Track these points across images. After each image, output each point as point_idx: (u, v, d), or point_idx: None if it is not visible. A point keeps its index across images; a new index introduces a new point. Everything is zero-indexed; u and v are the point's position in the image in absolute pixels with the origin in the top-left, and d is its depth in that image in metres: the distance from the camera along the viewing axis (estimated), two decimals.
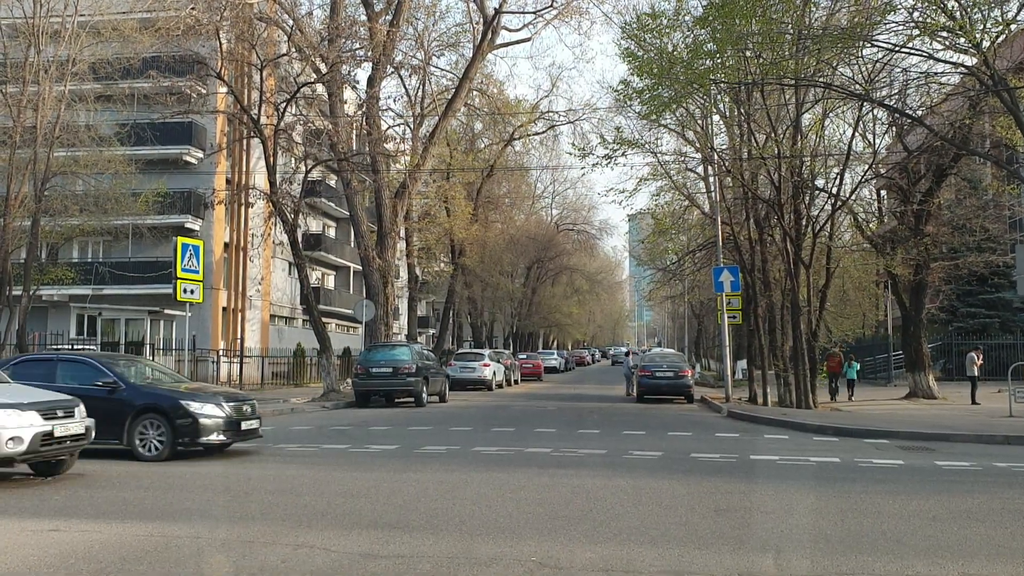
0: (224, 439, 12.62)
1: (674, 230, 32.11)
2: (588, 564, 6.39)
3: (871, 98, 19.43)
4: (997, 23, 15.14)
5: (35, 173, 23.80)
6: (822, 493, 9.62)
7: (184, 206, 35.24)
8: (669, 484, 10.15)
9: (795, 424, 18.13)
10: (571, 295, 67.94)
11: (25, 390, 10.87)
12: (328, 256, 48.71)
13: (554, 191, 64.81)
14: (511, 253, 53.55)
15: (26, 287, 24.32)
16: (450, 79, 37.84)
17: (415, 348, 26.87)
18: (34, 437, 9.83)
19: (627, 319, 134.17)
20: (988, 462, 12.34)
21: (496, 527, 7.63)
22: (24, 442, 9.73)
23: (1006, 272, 35.55)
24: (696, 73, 19.64)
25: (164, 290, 30.25)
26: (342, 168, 29.70)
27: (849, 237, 31.99)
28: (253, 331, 39.51)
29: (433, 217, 43.40)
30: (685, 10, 22.69)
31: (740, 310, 27.14)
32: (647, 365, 28.67)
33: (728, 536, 7.35)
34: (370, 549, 6.82)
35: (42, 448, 9.99)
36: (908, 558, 6.62)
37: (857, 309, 39.43)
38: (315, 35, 28.14)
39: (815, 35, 17.93)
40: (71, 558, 6.57)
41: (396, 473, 10.93)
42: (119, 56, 26.38)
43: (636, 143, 27.07)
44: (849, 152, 22.86)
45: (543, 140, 47.06)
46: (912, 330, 27.15)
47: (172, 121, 31.83)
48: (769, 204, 23.58)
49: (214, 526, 7.77)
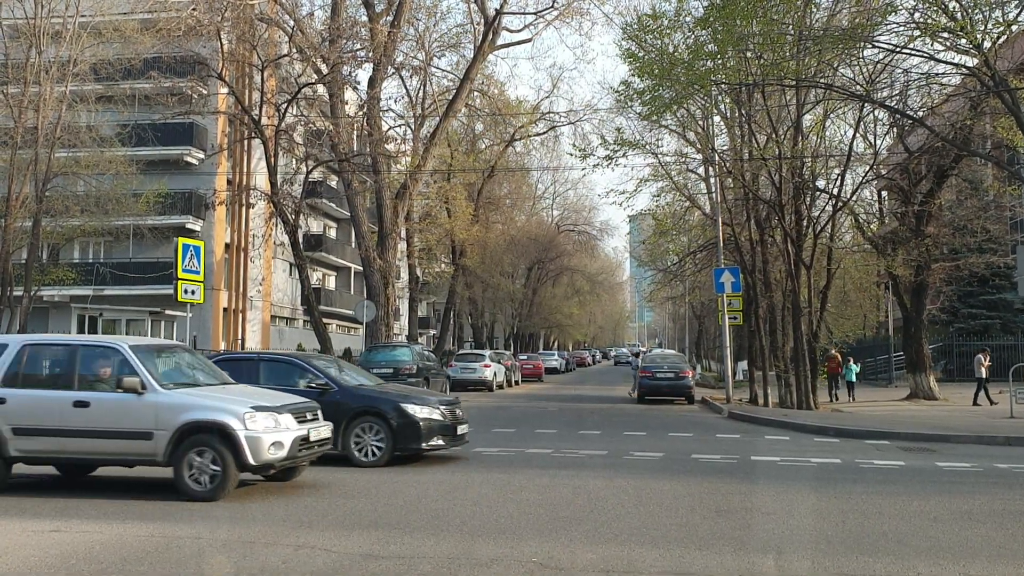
0: (442, 444, 11.91)
1: (675, 231, 32.10)
2: (589, 565, 6.39)
3: (872, 99, 19.42)
4: (998, 24, 15.14)
5: (36, 174, 23.81)
6: (823, 494, 9.62)
7: (185, 207, 35.24)
8: (670, 485, 10.15)
9: (796, 425, 18.11)
10: (572, 296, 67.86)
11: (263, 392, 10.33)
12: (329, 257, 48.70)
13: (555, 192, 64.81)
14: (512, 254, 53.51)
15: (27, 288, 24.33)
16: (451, 80, 37.85)
17: (416, 349, 26.86)
18: (293, 442, 9.19)
19: (628, 320, 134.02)
20: (989, 463, 12.33)
21: (497, 528, 7.63)
22: (284, 448, 9.09)
23: (1007, 273, 35.45)
24: (697, 74, 19.63)
25: (165, 291, 30.24)
26: (343, 169, 29.69)
27: (850, 238, 31.97)
28: (254, 332, 39.50)
29: (434, 218, 43.39)
30: (686, 11, 22.71)
31: (741, 311, 27.12)
32: (648, 366, 28.67)
33: (729, 537, 7.35)
34: (371, 550, 6.82)
35: (299, 454, 9.38)
36: (909, 559, 6.61)
37: (858, 310, 39.38)
38: (316, 36, 28.14)
39: (816, 36, 17.92)
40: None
41: (396, 474, 10.92)
42: (120, 57, 26.40)
43: (637, 144, 27.05)
44: (850, 153, 22.85)
45: (544, 141, 47.11)
46: (913, 331, 27.12)
47: (173, 122, 31.84)
48: (770, 205, 23.57)
49: (214, 526, 7.76)
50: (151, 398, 9.12)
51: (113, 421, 9.19)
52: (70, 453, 9.48)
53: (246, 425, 8.91)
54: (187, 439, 8.97)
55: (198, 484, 8.95)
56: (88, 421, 9.20)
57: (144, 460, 9.27)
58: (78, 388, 9.41)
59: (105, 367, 9.59)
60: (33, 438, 9.41)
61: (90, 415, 9.20)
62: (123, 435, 9.17)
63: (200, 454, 8.95)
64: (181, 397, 9.31)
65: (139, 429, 9.09)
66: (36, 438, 9.42)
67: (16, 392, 9.48)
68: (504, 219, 51.91)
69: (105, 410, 9.24)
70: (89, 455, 9.50)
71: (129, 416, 9.14)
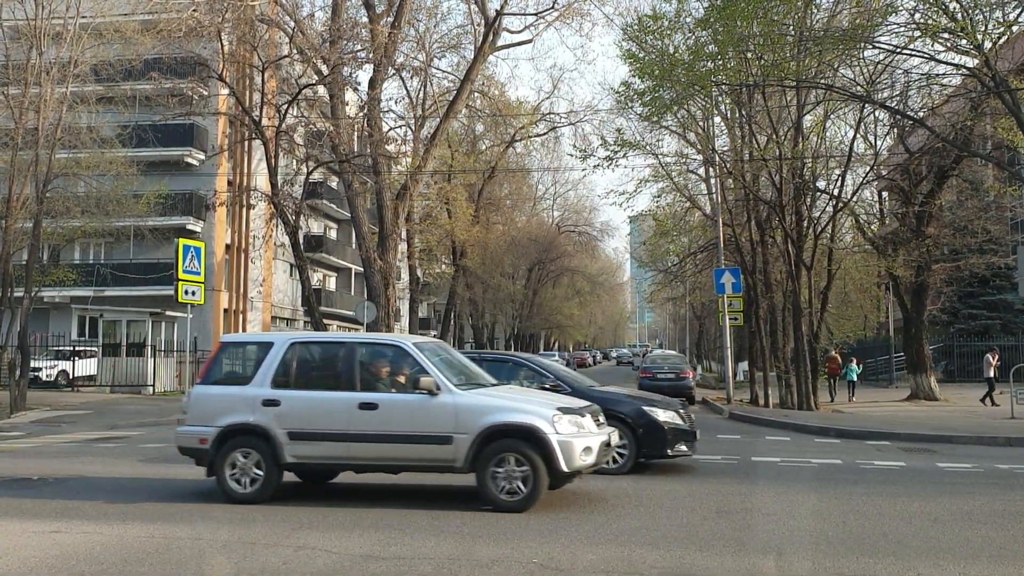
0: (687, 451, 11.27)
1: (675, 232, 32.12)
2: (589, 566, 6.39)
3: (872, 100, 19.42)
4: (998, 24, 15.14)
5: (37, 175, 23.79)
6: (824, 495, 9.61)
7: (185, 208, 35.25)
8: (670, 485, 10.14)
9: (796, 426, 18.11)
10: (572, 297, 67.87)
11: (549, 394, 9.90)
12: (329, 258, 48.70)
13: (555, 193, 64.81)
14: (512, 255, 53.52)
15: (27, 288, 24.31)
16: (451, 81, 37.83)
17: None
18: (600, 447, 8.60)
19: (628, 321, 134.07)
20: (990, 464, 12.33)
21: (497, 529, 7.63)
22: (593, 453, 8.49)
23: (1007, 274, 35.43)
24: (697, 75, 19.64)
25: (166, 292, 30.26)
26: (343, 170, 29.66)
27: (850, 239, 31.95)
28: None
29: (434, 219, 43.38)
30: (686, 12, 22.73)
31: (741, 312, 27.12)
32: (648, 367, 28.66)
33: (729, 538, 7.35)
34: (371, 550, 6.82)
35: (601, 460, 8.80)
36: (910, 560, 6.61)
37: (858, 311, 39.37)
38: (316, 37, 28.11)
39: (816, 37, 17.91)
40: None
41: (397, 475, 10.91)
42: (121, 58, 26.37)
43: (637, 145, 27.07)
44: (850, 153, 22.86)
45: (544, 142, 47.07)
46: (913, 332, 27.11)
47: (174, 123, 31.83)
48: (770, 205, 23.57)
49: (214, 527, 7.76)
50: (447, 399, 8.53)
51: (406, 424, 8.60)
52: (355, 459, 8.89)
53: (556, 428, 8.29)
54: (490, 444, 8.35)
55: (510, 494, 8.27)
56: (377, 424, 8.63)
57: (441, 466, 8.66)
58: (360, 389, 8.85)
59: (385, 366, 9.09)
60: (312, 443, 8.82)
61: (379, 418, 8.64)
62: (418, 439, 8.53)
63: (504, 461, 8.31)
64: (480, 398, 8.71)
65: (436, 432, 8.47)
66: (316, 443, 8.82)
67: (290, 394, 8.96)
68: (505, 220, 51.90)
69: (396, 412, 8.67)
70: (377, 461, 8.88)
71: (425, 419, 8.55)
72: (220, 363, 9.70)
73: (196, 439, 9.07)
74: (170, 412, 20.64)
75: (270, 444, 8.82)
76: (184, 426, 9.28)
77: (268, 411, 8.88)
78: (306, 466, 9.16)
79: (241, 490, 8.87)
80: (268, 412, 8.87)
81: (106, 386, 28.67)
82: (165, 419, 19.66)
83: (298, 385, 9.07)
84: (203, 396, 9.32)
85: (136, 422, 19.27)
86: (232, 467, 8.90)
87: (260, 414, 8.88)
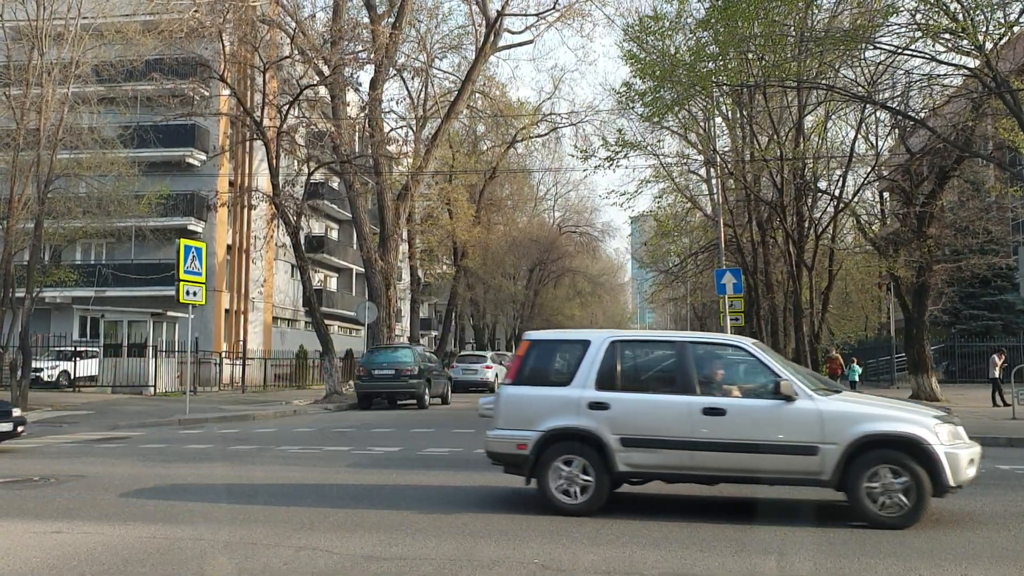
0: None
1: (676, 232, 32.16)
2: (590, 566, 6.39)
3: (873, 100, 19.43)
4: (999, 25, 15.13)
5: (38, 175, 23.80)
6: (824, 495, 9.60)
7: (187, 208, 35.27)
8: (671, 486, 10.12)
9: None
10: (573, 297, 67.82)
11: (892, 400, 9.19)
12: (330, 258, 48.72)
13: (556, 193, 64.82)
14: (513, 255, 53.52)
15: (29, 289, 24.33)
16: (452, 81, 37.86)
17: (417, 350, 26.86)
18: (976, 459, 7.92)
19: (630, 321, 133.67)
20: (991, 464, 12.27)
21: (498, 529, 7.63)
22: (974, 466, 7.84)
23: (1009, 274, 35.49)
24: (698, 75, 19.64)
25: (167, 292, 30.28)
26: (344, 170, 29.72)
27: (851, 239, 31.98)
28: (256, 333, 39.51)
29: (435, 219, 43.41)
30: (687, 12, 22.72)
31: (743, 312, 27.11)
32: None
33: (731, 538, 7.35)
34: (372, 551, 6.82)
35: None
36: (911, 560, 6.61)
37: (859, 311, 39.40)
38: (318, 37, 28.17)
39: (817, 37, 17.92)
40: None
41: (399, 475, 10.93)
42: (122, 58, 26.39)
43: (638, 145, 27.12)
44: (851, 154, 22.88)
45: (545, 142, 47.10)
46: (914, 332, 27.08)
47: (175, 123, 31.87)
48: (771, 206, 23.59)
49: (216, 527, 7.77)
50: (808, 405, 7.84)
51: (758, 432, 7.89)
52: (701, 469, 8.15)
53: (939, 438, 7.59)
54: (862, 455, 7.65)
55: (889, 509, 7.61)
56: (725, 432, 7.93)
57: (803, 478, 7.96)
58: (700, 392, 8.13)
59: (723, 368, 8.47)
60: (650, 451, 8.14)
61: (727, 424, 7.94)
62: (776, 449, 7.84)
63: (877, 474, 7.61)
64: (846, 405, 8.10)
65: (798, 442, 7.77)
66: (654, 451, 8.14)
67: (620, 396, 8.27)
68: (506, 220, 51.92)
69: (747, 419, 7.96)
70: (726, 472, 8.15)
71: (782, 427, 7.84)
72: (530, 362, 8.79)
73: (513, 444, 8.43)
74: (171, 413, 20.68)
75: (600, 450, 8.14)
76: (496, 430, 8.64)
77: (596, 414, 8.22)
78: (640, 475, 8.47)
79: (570, 501, 8.19)
80: (596, 415, 8.22)
81: (107, 386, 28.69)
82: (166, 420, 19.69)
83: (626, 387, 8.38)
84: (517, 397, 8.65)
85: (137, 423, 19.27)
86: (557, 475, 8.24)
87: (587, 417, 8.23)
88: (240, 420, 20.41)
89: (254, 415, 21.36)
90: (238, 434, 16.78)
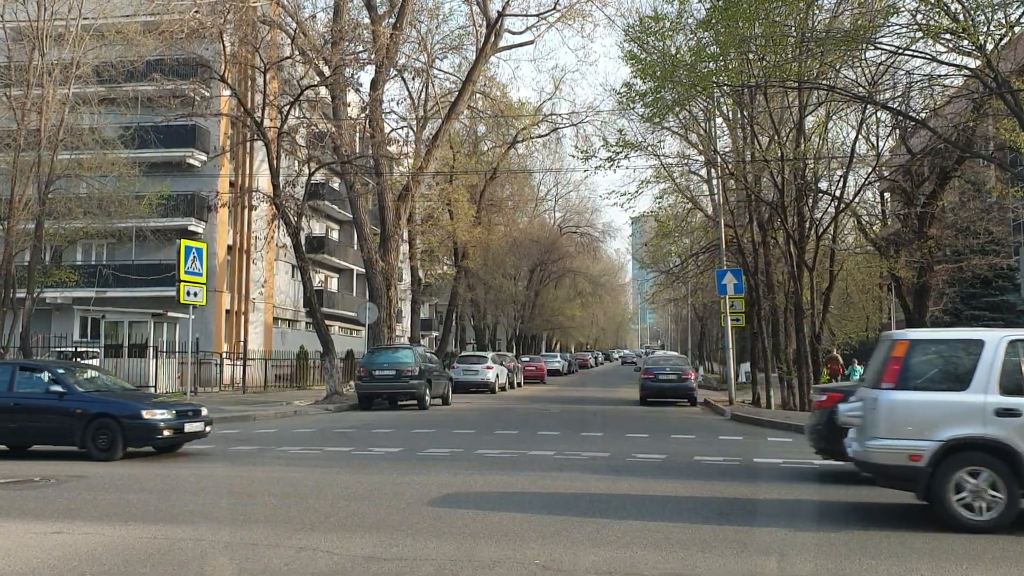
0: None
1: (677, 233, 32.14)
2: (591, 567, 6.39)
3: (874, 100, 19.40)
4: (1000, 25, 15.11)
5: (39, 176, 23.84)
6: (825, 496, 9.61)
7: (187, 209, 35.27)
8: (672, 487, 10.14)
9: (799, 427, 18.00)
10: (574, 298, 67.87)
11: None
12: (331, 259, 48.72)
13: (557, 194, 64.82)
14: (514, 256, 53.51)
15: (30, 289, 24.36)
16: (453, 82, 37.86)
17: (418, 351, 26.87)
18: None
19: (630, 322, 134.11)
20: None
21: (499, 530, 7.63)
22: None
23: (1010, 275, 35.41)
24: (699, 75, 19.61)
25: (167, 293, 30.28)
26: (345, 171, 29.72)
27: (852, 239, 31.94)
28: (256, 334, 39.52)
29: (436, 220, 43.39)
30: (688, 12, 22.69)
31: (743, 313, 27.10)
32: (651, 368, 28.62)
33: (731, 539, 7.34)
34: (373, 552, 6.82)
35: None
36: (912, 561, 6.60)
37: (860, 312, 39.31)
38: (318, 38, 28.17)
39: (818, 38, 17.90)
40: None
41: (399, 476, 10.93)
42: (122, 59, 26.42)
43: (639, 146, 27.10)
44: (852, 154, 22.83)
45: (546, 143, 47.08)
46: None
47: (175, 124, 31.85)
48: (772, 206, 23.56)
49: (216, 528, 7.77)
50: None
51: None
52: None
53: None
54: None
55: None
56: None
57: None
58: None
59: None
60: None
61: None
62: None
63: None
64: None
65: None
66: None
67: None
68: (506, 221, 51.91)
69: None
70: None
71: None
72: (913, 364, 8.11)
73: (903, 455, 7.80)
74: None
75: (1012, 463, 7.56)
76: (877, 439, 7.99)
77: (1006, 422, 7.60)
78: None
79: (975, 517, 7.60)
80: (1006, 423, 7.60)
81: None
82: None
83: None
84: (904, 404, 7.94)
85: None
86: (959, 489, 7.63)
87: (995, 426, 7.60)
88: (241, 420, 20.41)
89: (255, 415, 21.36)
90: (239, 434, 16.79)
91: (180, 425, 12.94)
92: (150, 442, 12.94)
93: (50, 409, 12.97)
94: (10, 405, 13.05)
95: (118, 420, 12.61)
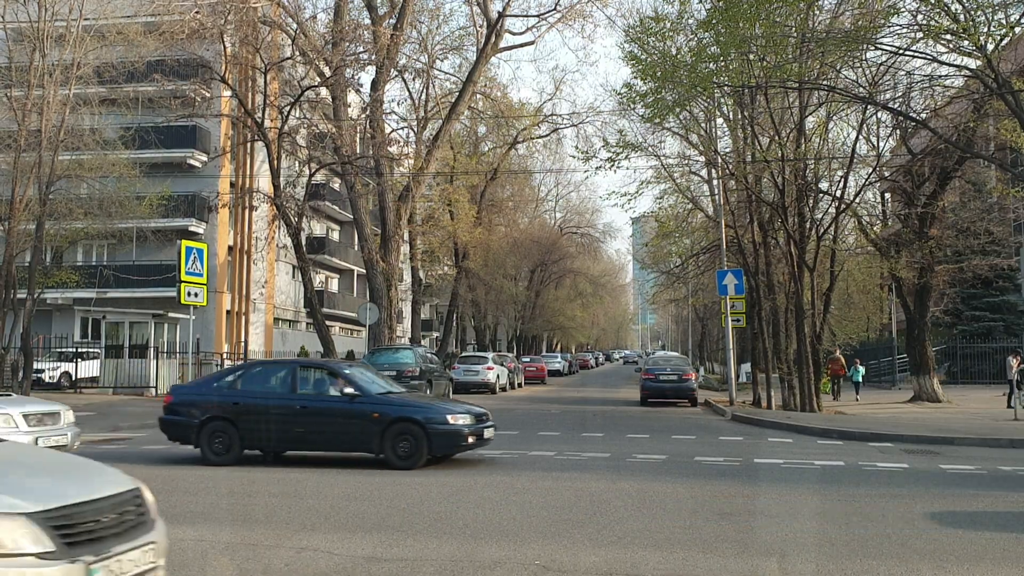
0: None
1: (678, 233, 32.12)
2: (592, 567, 6.38)
3: (875, 101, 19.40)
4: (1000, 26, 15.11)
5: (40, 177, 23.85)
6: (826, 496, 9.60)
7: (188, 209, 35.31)
8: (673, 487, 10.13)
9: (799, 427, 18.08)
10: (575, 298, 67.84)
11: None
12: (332, 259, 48.75)
13: (557, 194, 64.85)
14: (514, 256, 53.53)
15: (30, 290, 24.37)
16: (454, 82, 37.88)
17: (419, 351, 26.86)
18: None
19: (631, 322, 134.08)
20: (993, 465, 12.30)
21: (500, 530, 7.63)
22: None
23: (1011, 275, 35.42)
24: (699, 76, 19.60)
25: (168, 293, 30.30)
26: (346, 171, 29.73)
27: (853, 240, 31.93)
28: (257, 334, 39.54)
29: (437, 220, 43.40)
30: (688, 13, 22.67)
31: (744, 313, 27.09)
32: (651, 368, 28.58)
33: (732, 540, 7.34)
34: (373, 552, 6.82)
35: None
36: (913, 562, 6.60)
37: (861, 312, 39.37)
38: (319, 39, 28.19)
39: (819, 38, 17.90)
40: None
41: (400, 476, 10.92)
42: (123, 60, 26.46)
43: (639, 146, 27.08)
44: (853, 155, 22.81)
45: (546, 143, 47.07)
46: (916, 333, 27.07)
47: (176, 124, 31.89)
48: (773, 207, 23.55)
49: (217, 528, 7.76)
50: None
51: None
52: None
53: None
54: None
55: None
56: None
57: None
58: None
59: None
60: None
61: None
62: None
63: None
64: None
65: None
66: None
67: None
68: (507, 221, 51.93)
69: None
70: None
71: None
72: None
73: None
74: None
75: None
76: None
77: None
78: None
79: None
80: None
81: (109, 388, 28.68)
82: None
83: None
84: None
85: (139, 424, 19.24)
86: None
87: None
88: None
89: None
90: None
91: (480, 431, 11.98)
92: (456, 449, 11.97)
93: (342, 412, 11.95)
94: (295, 408, 12.08)
95: (422, 426, 11.56)
